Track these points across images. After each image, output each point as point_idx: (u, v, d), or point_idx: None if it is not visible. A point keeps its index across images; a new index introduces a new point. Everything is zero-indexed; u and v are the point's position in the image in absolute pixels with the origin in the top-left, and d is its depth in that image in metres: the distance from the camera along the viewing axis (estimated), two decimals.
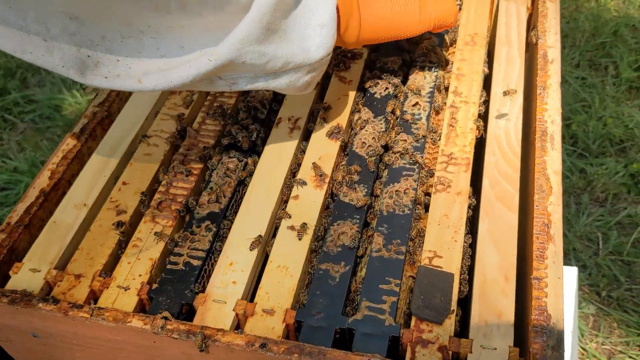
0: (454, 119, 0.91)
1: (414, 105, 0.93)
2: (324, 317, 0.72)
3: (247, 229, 0.82)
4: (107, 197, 0.88)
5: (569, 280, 1.37)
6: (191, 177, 0.88)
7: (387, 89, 0.97)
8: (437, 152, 0.89)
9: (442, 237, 0.79)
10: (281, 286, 0.75)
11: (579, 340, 1.73)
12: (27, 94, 2.40)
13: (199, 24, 0.69)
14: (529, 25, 1.10)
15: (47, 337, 0.79)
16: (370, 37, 0.85)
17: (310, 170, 0.87)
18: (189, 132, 0.93)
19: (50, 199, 0.88)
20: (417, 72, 0.98)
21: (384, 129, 0.91)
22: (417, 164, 0.86)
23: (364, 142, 0.90)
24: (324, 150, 0.90)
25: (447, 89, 0.98)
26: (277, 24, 0.72)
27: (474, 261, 0.79)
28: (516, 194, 0.82)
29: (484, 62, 1.00)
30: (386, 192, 0.84)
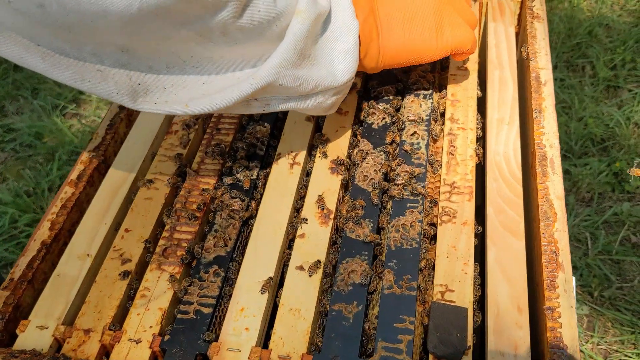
0: (453, 146, 0.92)
1: (412, 134, 0.94)
2: None
3: (256, 271, 0.81)
4: (110, 245, 0.86)
5: None
6: (194, 220, 0.87)
7: (384, 118, 0.97)
8: (438, 181, 0.90)
9: (452, 270, 0.79)
10: (295, 330, 0.75)
11: None
12: (6, 122, 2.36)
13: (237, 52, 0.73)
14: (517, 43, 1.11)
15: None
16: (389, 62, 0.88)
17: (314, 206, 0.87)
18: (189, 173, 0.92)
19: (52, 251, 0.87)
20: (412, 100, 0.99)
21: (385, 160, 0.91)
22: (421, 195, 0.86)
23: (365, 175, 0.90)
24: (326, 185, 0.90)
25: (442, 115, 0.99)
26: (309, 49, 0.76)
27: (484, 290, 0.79)
28: (521, 221, 0.83)
29: (477, 86, 1.01)
30: (392, 225, 0.84)
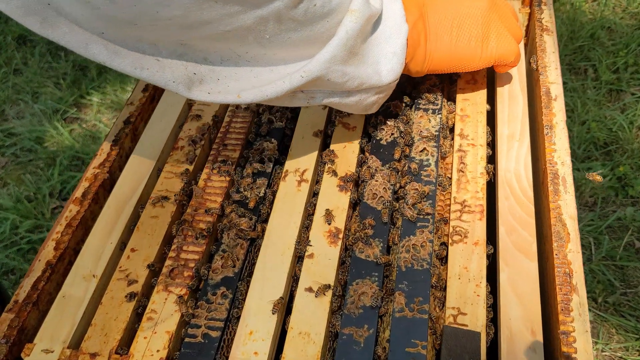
0: (463, 163, 0.90)
1: (421, 151, 0.92)
2: None
3: (264, 292, 0.80)
4: (115, 266, 0.85)
5: None
6: (201, 239, 0.86)
7: (392, 134, 0.96)
8: (448, 199, 0.89)
9: (464, 292, 0.78)
10: (305, 354, 0.74)
11: None
12: (6, 127, 2.34)
13: (288, 49, 0.75)
14: (525, 54, 1.10)
15: None
16: (433, 68, 0.92)
17: (323, 225, 0.86)
18: (195, 191, 0.91)
19: (57, 271, 0.85)
20: (421, 115, 0.97)
21: (394, 177, 0.90)
22: (431, 215, 0.85)
23: (375, 193, 0.88)
24: (334, 203, 0.88)
25: (452, 131, 0.97)
26: (358, 47, 0.78)
27: (496, 312, 0.78)
28: (534, 242, 0.82)
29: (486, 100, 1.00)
30: (402, 245, 0.83)
